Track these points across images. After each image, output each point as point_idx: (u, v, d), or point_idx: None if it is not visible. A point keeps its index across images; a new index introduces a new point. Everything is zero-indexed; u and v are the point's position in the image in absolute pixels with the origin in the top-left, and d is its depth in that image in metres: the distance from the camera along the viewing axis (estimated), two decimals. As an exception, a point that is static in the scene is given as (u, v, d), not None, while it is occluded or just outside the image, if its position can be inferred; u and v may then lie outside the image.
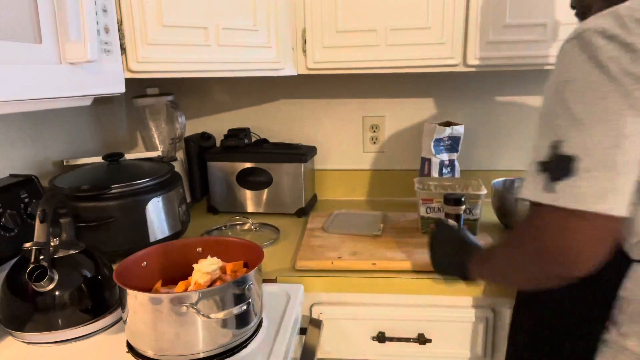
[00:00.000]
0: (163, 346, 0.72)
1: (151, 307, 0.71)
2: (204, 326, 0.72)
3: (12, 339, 0.81)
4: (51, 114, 1.21)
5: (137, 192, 1.07)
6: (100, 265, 0.87)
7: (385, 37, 1.19)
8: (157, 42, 0.95)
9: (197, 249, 0.90)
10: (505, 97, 1.51)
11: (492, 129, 1.52)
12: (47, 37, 0.67)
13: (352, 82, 1.54)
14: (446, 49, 1.19)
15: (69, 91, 0.72)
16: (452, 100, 1.53)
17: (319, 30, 1.21)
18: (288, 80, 1.54)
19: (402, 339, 1.05)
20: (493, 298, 1.01)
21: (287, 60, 1.21)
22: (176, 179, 1.19)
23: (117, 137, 1.55)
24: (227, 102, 1.62)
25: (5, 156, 1.06)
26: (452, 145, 1.41)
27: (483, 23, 1.15)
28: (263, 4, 1.12)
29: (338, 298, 1.05)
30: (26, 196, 0.98)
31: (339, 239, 1.18)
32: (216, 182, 1.45)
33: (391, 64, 1.21)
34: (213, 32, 1.03)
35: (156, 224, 1.10)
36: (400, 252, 1.08)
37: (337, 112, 1.58)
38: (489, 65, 1.19)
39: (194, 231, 1.29)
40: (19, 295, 0.80)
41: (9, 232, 0.92)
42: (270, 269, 1.05)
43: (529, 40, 1.15)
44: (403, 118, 1.56)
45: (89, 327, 0.81)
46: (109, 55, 0.83)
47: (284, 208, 1.43)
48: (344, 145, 1.60)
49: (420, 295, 1.02)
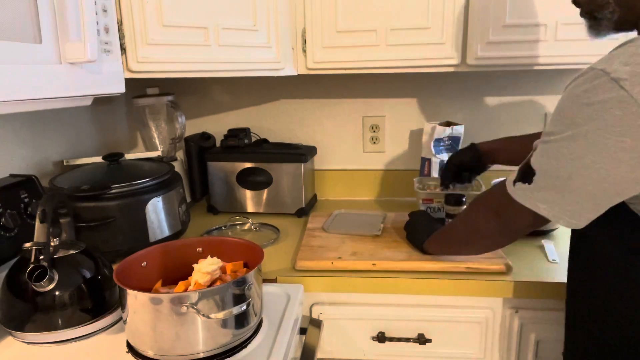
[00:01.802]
0: (163, 346, 0.72)
1: (151, 307, 0.71)
2: (204, 326, 0.72)
3: (12, 339, 0.81)
4: (51, 114, 1.21)
5: (137, 192, 1.07)
6: (100, 265, 0.87)
7: (385, 37, 1.19)
8: (157, 42, 0.95)
9: (197, 249, 0.90)
10: (505, 97, 1.51)
11: (492, 129, 1.52)
12: (47, 37, 0.67)
13: (352, 82, 1.54)
14: (446, 49, 1.19)
15: (69, 91, 0.72)
16: (452, 100, 1.53)
17: (318, 30, 1.21)
18: (288, 80, 1.54)
19: (402, 339, 1.05)
20: (493, 298, 1.01)
21: (287, 60, 1.21)
22: (176, 179, 1.19)
23: (117, 137, 1.55)
24: (227, 102, 1.62)
25: (5, 156, 1.06)
26: (452, 145, 1.41)
27: (483, 23, 1.15)
28: (263, 4, 1.12)
29: (338, 298, 1.05)
30: (26, 196, 0.98)
31: (339, 239, 1.18)
32: (216, 182, 1.45)
33: (391, 64, 1.21)
34: (213, 32, 1.03)
35: (156, 224, 1.10)
36: (400, 252, 1.08)
37: (337, 112, 1.58)
38: (489, 65, 1.19)
39: (194, 231, 1.29)
40: (19, 295, 0.80)
41: (9, 232, 0.92)
42: (270, 269, 1.05)
43: (529, 40, 1.15)
44: (403, 118, 1.56)
45: (89, 327, 0.81)
46: (109, 55, 0.83)
47: (284, 208, 1.43)
48: (344, 145, 1.60)
49: (420, 295, 1.02)
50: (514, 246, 1.08)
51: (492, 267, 1.00)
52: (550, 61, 1.17)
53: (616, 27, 0.75)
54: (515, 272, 1.00)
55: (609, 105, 0.62)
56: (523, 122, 1.51)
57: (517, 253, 1.08)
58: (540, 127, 1.50)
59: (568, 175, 0.68)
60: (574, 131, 0.66)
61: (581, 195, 0.68)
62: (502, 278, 0.99)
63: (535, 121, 1.51)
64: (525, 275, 0.99)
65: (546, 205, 0.72)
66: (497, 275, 0.99)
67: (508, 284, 0.98)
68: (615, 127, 0.62)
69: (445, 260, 1.02)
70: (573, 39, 1.14)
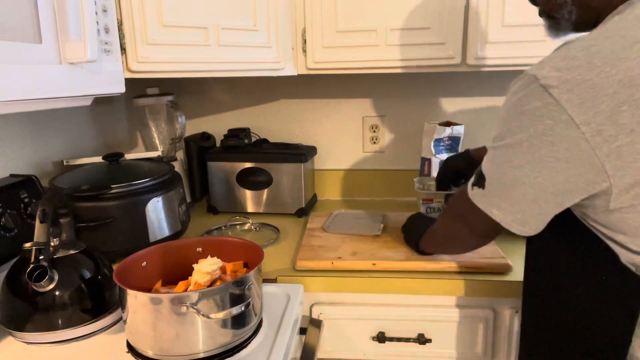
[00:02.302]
0: (163, 346, 0.72)
1: (151, 307, 0.71)
2: (204, 326, 0.72)
3: (12, 339, 0.81)
4: (51, 114, 1.21)
5: (137, 192, 1.07)
6: (100, 265, 0.87)
7: (385, 37, 1.19)
8: (157, 42, 0.95)
9: (197, 249, 0.90)
10: (505, 97, 1.51)
11: (492, 129, 1.51)
12: (47, 37, 0.67)
13: (352, 82, 1.54)
14: (446, 49, 1.19)
15: (69, 91, 0.72)
16: (452, 100, 1.53)
17: (319, 30, 1.21)
18: (288, 80, 1.54)
19: (402, 339, 1.05)
20: (493, 298, 1.01)
21: (287, 60, 1.21)
22: (176, 179, 1.19)
23: (117, 137, 1.55)
24: (227, 102, 1.62)
25: (5, 156, 1.06)
26: (452, 145, 1.41)
27: (483, 23, 1.15)
28: (263, 4, 1.12)
29: (338, 298, 1.05)
30: (26, 196, 0.98)
31: (339, 239, 1.18)
32: (216, 182, 1.45)
33: (391, 64, 1.21)
34: (213, 32, 1.03)
35: (156, 224, 1.10)
36: (400, 252, 1.08)
37: (337, 112, 1.58)
38: (489, 65, 1.19)
39: (194, 231, 1.29)
40: (19, 295, 0.80)
41: (9, 232, 0.92)
42: (270, 269, 1.05)
43: (528, 40, 1.15)
44: (403, 118, 1.56)
45: (89, 327, 0.81)
46: (109, 55, 0.83)
47: (284, 208, 1.43)
48: (344, 145, 1.60)
49: (420, 295, 1.02)
50: (514, 246, 1.07)
51: (492, 267, 1.00)
52: (550, 61, 1.17)
53: (575, 27, 0.74)
54: (515, 272, 1.00)
55: (539, 113, 0.61)
56: (523, 122, 1.51)
57: (517, 253, 1.08)
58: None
59: (511, 183, 0.68)
60: (512, 139, 0.66)
61: (526, 203, 0.68)
62: (502, 278, 0.99)
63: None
64: (525, 275, 0.99)
65: (499, 211, 0.71)
66: (497, 275, 0.99)
67: (508, 284, 0.98)
68: (547, 136, 0.61)
69: (445, 260, 1.02)
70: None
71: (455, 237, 0.90)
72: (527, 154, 0.64)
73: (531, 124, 0.62)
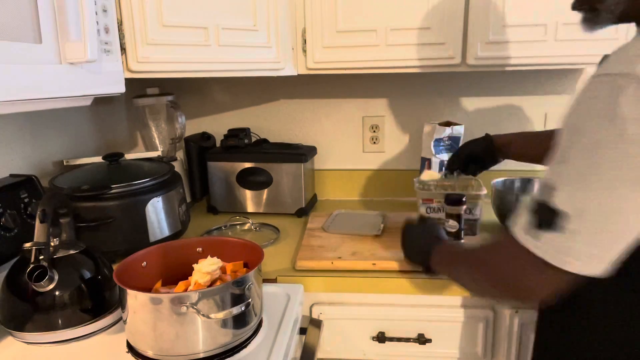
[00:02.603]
0: (163, 346, 0.72)
1: (151, 307, 0.71)
2: (204, 326, 0.72)
3: (12, 339, 0.81)
4: (51, 114, 1.21)
5: (137, 192, 1.07)
6: (100, 265, 0.87)
7: (385, 37, 1.19)
8: (157, 42, 0.95)
9: (197, 249, 0.90)
10: (505, 97, 1.51)
11: (492, 129, 1.52)
12: (47, 37, 0.67)
13: (352, 82, 1.54)
14: (446, 49, 1.19)
15: (69, 91, 0.72)
16: (452, 100, 1.53)
17: (319, 30, 1.21)
18: (288, 80, 1.54)
19: (402, 339, 1.05)
20: (493, 298, 1.01)
21: (287, 60, 1.21)
22: (176, 179, 1.19)
23: (117, 137, 1.55)
24: (227, 102, 1.62)
25: (5, 156, 1.06)
26: (452, 145, 1.41)
27: (483, 23, 1.15)
28: (263, 4, 1.12)
29: (338, 298, 1.05)
30: (26, 196, 0.98)
31: (339, 239, 1.18)
32: (216, 182, 1.45)
33: (391, 64, 1.21)
34: (213, 32, 1.03)
35: (156, 224, 1.10)
36: (400, 252, 1.08)
37: (337, 112, 1.58)
38: (489, 65, 1.19)
39: (194, 231, 1.29)
40: (19, 295, 0.80)
41: (9, 232, 0.92)
42: (270, 269, 1.05)
43: (529, 40, 1.15)
44: (403, 118, 1.56)
45: (89, 327, 0.81)
46: (109, 55, 0.83)
47: (284, 208, 1.43)
48: (344, 145, 1.60)
49: (421, 295, 1.02)
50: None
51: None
52: (550, 61, 1.17)
53: (617, 20, 0.67)
54: (515, 272, 1.00)
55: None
56: (523, 122, 1.51)
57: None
58: (540, 127, 1.50)
59: (609, 213, 0.54)
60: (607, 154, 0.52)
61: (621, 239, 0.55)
62: (502, 278, 0.99)
63: (536, 121, 1.51)
64: (525, 275, 0.99)
65: (580, 261, 0.55)
66: (497, 275, 0.99)
67: (508, 284, 0.98)
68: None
69: (445, 260, 1.02)
70: (573, 39, 1.14)
71: (484, 290, 0.74)
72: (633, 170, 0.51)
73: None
